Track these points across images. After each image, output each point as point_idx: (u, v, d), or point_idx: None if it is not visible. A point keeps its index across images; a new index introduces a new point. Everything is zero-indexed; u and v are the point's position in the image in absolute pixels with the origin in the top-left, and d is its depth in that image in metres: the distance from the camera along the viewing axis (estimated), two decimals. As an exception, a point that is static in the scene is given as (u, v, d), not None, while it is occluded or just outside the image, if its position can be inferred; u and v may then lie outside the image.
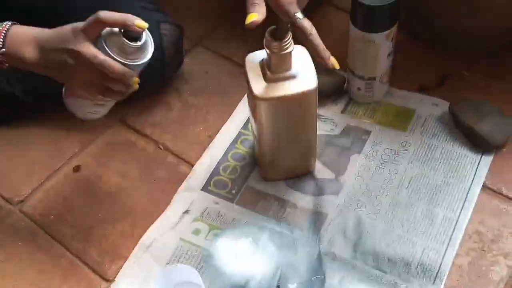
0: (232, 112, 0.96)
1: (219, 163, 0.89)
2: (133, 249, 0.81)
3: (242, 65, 1.02)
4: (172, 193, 0.87)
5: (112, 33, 0.67)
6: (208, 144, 0.92)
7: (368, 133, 0.91)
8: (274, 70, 0.73)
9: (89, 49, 0.66)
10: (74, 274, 0.80)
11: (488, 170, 0.85)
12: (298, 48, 0.75)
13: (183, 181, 0.88)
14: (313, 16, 1.12)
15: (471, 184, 0.84)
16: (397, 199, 0.83)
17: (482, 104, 0.89)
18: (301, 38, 0.70)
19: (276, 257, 0.78)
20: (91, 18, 0.66)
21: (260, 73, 0.74)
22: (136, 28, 0.66)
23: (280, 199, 0.85)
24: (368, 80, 0.91)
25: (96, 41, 0.67)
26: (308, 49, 0.73)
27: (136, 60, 0.69)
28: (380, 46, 0.86)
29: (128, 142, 0.94)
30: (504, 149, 0.87)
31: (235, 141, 0.92)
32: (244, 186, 0.86)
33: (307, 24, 0.69)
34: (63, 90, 0.77)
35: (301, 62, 0.75)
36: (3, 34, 0.68)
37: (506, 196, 0.83)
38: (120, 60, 0.67)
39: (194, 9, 1.13)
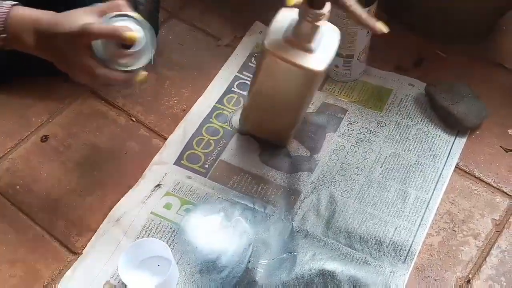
0: (208, 86, 0.94)
1: (192, 137, 0.88)
2: (102, 221, 0.79)
3: (218, 38, 1.01)
4: (143, 166, 0.85)
5: (108, 41, 0.65)
6: (182, 118, 0.90)
7: (344, 111, 0.91)
8: (297, 35, 0.70)
9: (87, 61, 0.64)
10: (41, 246, 0.78)
11: (461, 152, 0.86)
12: (330, 27, 0.73)
13: (156, 154, 0.86)
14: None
15: (444, 165, 0.84)
16: (371, 178, 0.83)
17: (458, 86, 0.90)
18: (341, 11, 0.69)
19: (249, 233, 0.77)
20: (79, 28, 0.63)
21: (283, 29, 0.72)
22: (128, 40, 0.64)
23: (254, 175, 0.84)
24: (346, 58, 0.90)
25: (92, 47, 0.64)
26: (352, 20, 0.70)
27: (134, 65, 0.66)
28: (360, 24, 0.85)
29: (99, 113, 0.92)
30: (477, 132, 0.88)
31: (209, 115, 0.90)
32: (217, 161, 0.85)
33: None
34: None
35: (325, 41, 0.72)
36: (3, 17, 0.65)
37: (478, 178, 0.83)
38: (118, 69, 0.65)
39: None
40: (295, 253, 0.76)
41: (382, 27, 0.69)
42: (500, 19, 1.02)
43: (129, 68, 0.66)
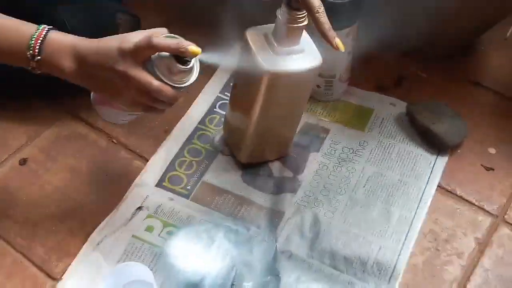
0: (190, 107, 0.94)
1: (174, 158, 0.87)
2: (82, 246, 0.77)
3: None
4: (125, 188, 0.83)
5: (162, 56, 0.64)
6: (164, 139, 0.90)
7: (326, 131, 0.91)
8: (284, 43, 0.70)
9: (142, 74, 0.63)
10: (19, 272, 0.76)
11: (443, 171, 0.86)
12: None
13: (137, 176, 0.85)
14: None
15: (426, 184, 0.85)
16: (354, 198, 0.83)
17: (438, 105, 0.91)
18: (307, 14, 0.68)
19: (232, 255, 0.76)
20: (142, 42, 0.62)
21: (266, 45, 0.71)
22: (190, 54, 0.63)
23: (237, 196, 0.83)
24: (328, 78, 0.90)
25: (145, 64, 0.64)
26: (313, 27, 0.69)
27: (184, 82, 0.66)
28: (341, 44, 0.85)
29: (79, 136, 0.91)
30: (458, 150, 0.89)
31: (191, 136, 0.90)
32: (200, 182, 0.84)
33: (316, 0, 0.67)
34: (92, 96, 0.74)
35: (304, 37, 0.72)
36: (39, 40, 0.64)
37: (460, 197, 0.84)
38: (171, 84, 0.65)
39: (149, 3, 1.09)
40: (279, 275, 0.75)
41: (339, 44, 0.69)
42: (478, 39, 1.04)
43: (182, 85, 0.66)
